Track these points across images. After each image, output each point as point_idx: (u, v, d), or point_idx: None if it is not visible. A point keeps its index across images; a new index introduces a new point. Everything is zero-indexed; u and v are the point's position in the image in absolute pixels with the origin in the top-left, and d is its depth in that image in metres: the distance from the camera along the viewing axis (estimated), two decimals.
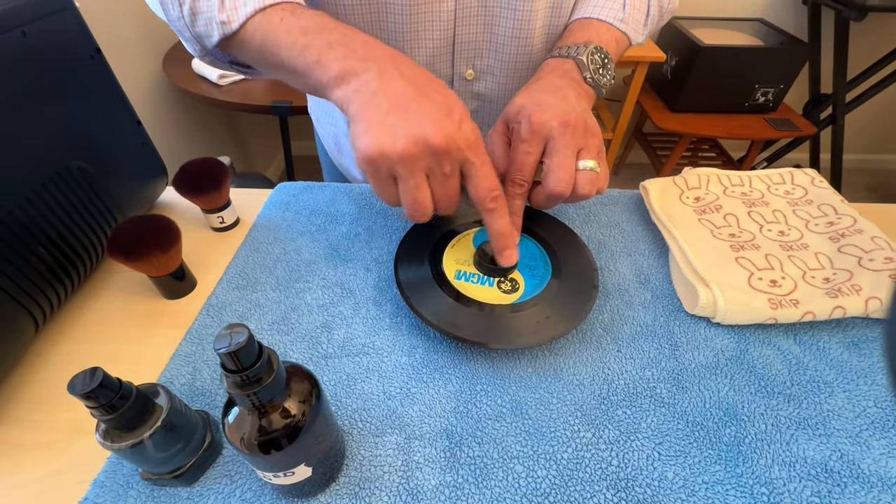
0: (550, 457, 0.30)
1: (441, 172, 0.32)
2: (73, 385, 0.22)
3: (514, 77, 0.51)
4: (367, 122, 0.31)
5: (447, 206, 0.34)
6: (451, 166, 0.32)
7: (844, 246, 0.41)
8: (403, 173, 0.31)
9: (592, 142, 0.37)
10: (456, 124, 0.31)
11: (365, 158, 0.31)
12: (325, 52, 0.33)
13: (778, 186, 0.50)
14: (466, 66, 0.50)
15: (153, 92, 1.30)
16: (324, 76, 0.33)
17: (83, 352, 0.37)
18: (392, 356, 0.36)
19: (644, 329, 0.38)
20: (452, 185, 0.33)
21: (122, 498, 0.28)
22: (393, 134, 0.30)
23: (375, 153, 0.30)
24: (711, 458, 0.30)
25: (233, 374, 0.20)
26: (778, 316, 0.36)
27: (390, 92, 0.31)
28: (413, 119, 0.30)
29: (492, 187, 0.33)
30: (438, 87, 0.33)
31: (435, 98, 0.32)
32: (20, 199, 0.34)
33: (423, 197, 0.32)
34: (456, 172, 0.33)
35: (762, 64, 1.49)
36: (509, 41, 0.48)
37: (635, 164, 2.17)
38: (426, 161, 0.31)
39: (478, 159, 0.33)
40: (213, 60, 0.40)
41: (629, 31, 0.46)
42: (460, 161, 0.32)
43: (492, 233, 0.36)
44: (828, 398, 0.34)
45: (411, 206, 0.33)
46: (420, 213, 0.33)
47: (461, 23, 0.46)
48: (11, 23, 0.33)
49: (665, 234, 0.45)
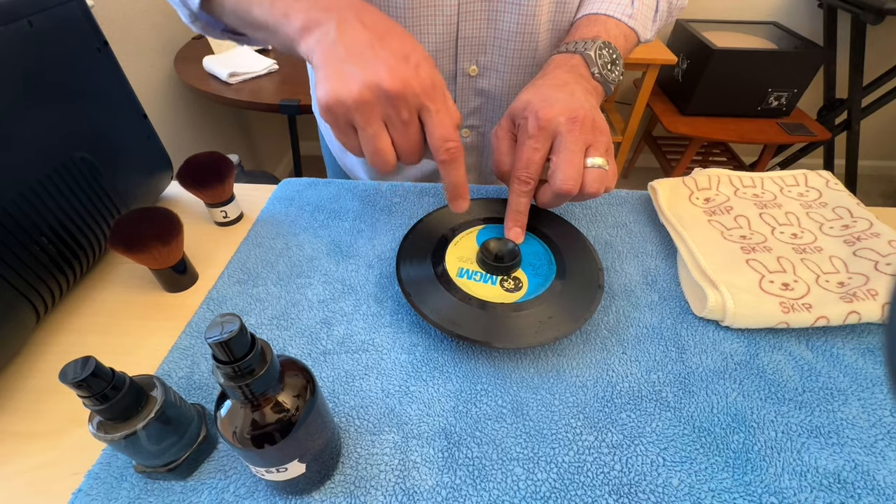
0: (551, 459, 0.29)
1: (399, 119, 0.31)
2: (65, 373, 0.21)
3: (519, 73, 0.51)
4: (325, 71, 0.31)
5: (409, 156, 0.34)
6: (409, 112, 0.31)
7: (860, 250, 0.40)
8: (360, 121, 0.31)
9: (601, 138, 0.36)
10: (412, 69, 0.31)
11: (323, 107, 0.31)
12: (292, 4, 0.33)
13: (791, 188, 0.49)
14: (470, 62, 0.50)
15: (164, 90, 1.32)
16: (290, 29, 0.33)
17: (83, 343, 0.37)
18: (392, 354, 0.35)
19: (650, 331, 0.37)
20: (412, 132, 0.32)
21: (115, 490, 0.28)
22: (348, 80, 0.30)
23: (332, 100, 0.30)
24: (718, 466, 0.29)
25: (224, 365, 0.19)
26: (790, 320, 0.35)
27: (348, 40, 0.31)
28: (367, 65, 0.30)
29: (446, 136, 0.32)
30: (397, 34, 0.33)
31: (391, 44, 0.31)
32: (24, 189, 0.34)
33: (384, 145, 0.32)
34: (414, 119, 0.32)
35: (776, 67, 1.47)
36: (513, 37, 0.47)
37: (645, 167, 2.15)
38: (381, 107, 0.31)
39: (434, 105, 0.32)
40: (204, 27, 0.41)
41: (638, 27, 0.45)
42: (417, 106, 0.31)
43: (446, 183, 0.35)
44: (841, 406, 0.32)
45: (372, 154, 0.33)
46: (381, 163, 0.33)
47: (464, 18, 0.46)
48: (19, 13, 0.33)
49: (673, 234, 0.44)
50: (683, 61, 1.59)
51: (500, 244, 0.38)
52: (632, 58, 1.40)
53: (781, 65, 1.47)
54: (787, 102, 1.55)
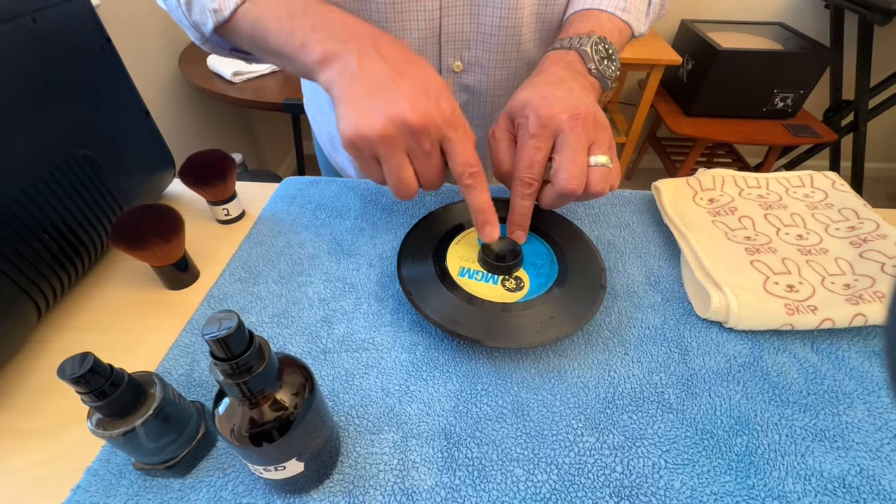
0: (552, 461, 0.29)
1: (421, 151, 0.32)
2: (63, 369, 0.21)
3: (504, 68, 0.51)
4: (347, 106, 0.31)
5: (432, 184, 0.34)
6: (431, 144, 0.32)
7: (867, 251, 0.40)
8: (384, 154, 0.32)
9: (603, 136, 0.35)
10: (433, 101, 0.31)
11: (347, 141, 0.32)
12: (309, 35, 0.33)
13: (797, 189, 0.48)
14: (454, 57, 0.50)
15: (169, 89, 1.32)
16: (308, 60, 0.34)
17: (84, 340, 0.37)
18: (392, 353, 0.35)
19: (653, 332, 0.37)
20: (434, 162, 0.33)
21: (114, 487, 0.28)
22: (371, 116, 0.30)
23: (356, 136, 0.31)
24: (721, 469, 0.29)
25: (221, 362, 0.19)
26: (794, 322, 0.35)
27: (368, 74, 0.32)
28: (390, 100, 0.31)
29: (469, 163, 0.33)
30: (416, 65, 0.33)
31: (411, 76, 0.32)
32: (26, 186, 0.34)
33: (407, 175, 0.33)
34: (436, 149, 0.33)
35: (782, 68, 1.46)
36: (496, 31, 0.47)
37: (649, 168, 2.14)
38: (405, 140, 0.31)
39: (455, 135, 0.33)
40: (214, 48, 0.41)
41: (631, 21, 0.45)
42: (439, 138, 0.32)
43: (472, 208, 0.36)
44: (846, 409, 0.32)
45: (396, 184, 0.33)
46: (405, 192, 0.34)
47: (447, 13, 0.46)
48: (22, 9, 0.33)
49: (677, 235, 0.43)
50: (688, 62, 1.58)
51: (501, 244, 0.38)
52: (636, 58, 1.40)
53: (787, 66, 1.46)
54: (792, 104, 1.54)
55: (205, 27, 0.37)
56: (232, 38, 0.39)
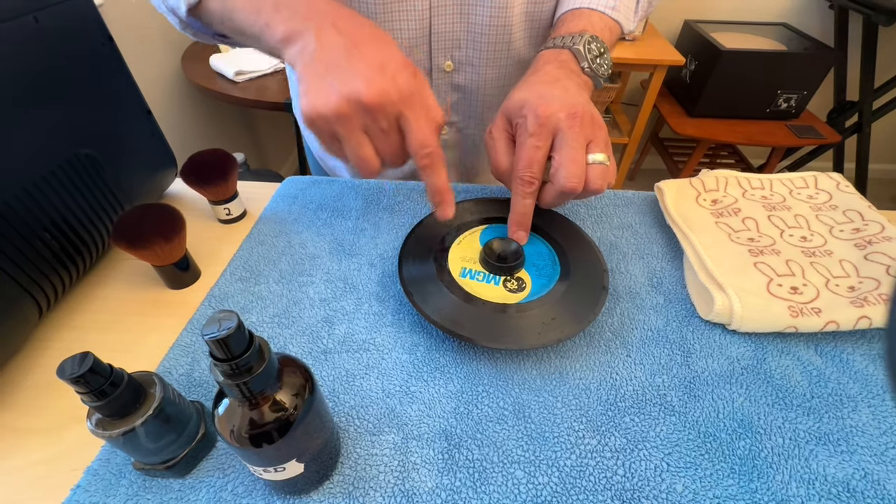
0: (553, 463, 0.29)
1: (378, 129, 0.32)
2: (63, 369, 0.21)
3: (495, 68, 0.51)
4: (306, 84, 0.32)
5: (392, 160, 0.34)
6: (388, 122, 0.32)
7: (871, 253, 0.39)
8: (342, 132, 0.32)
9: (600, 134, 0.35)
10: (389, 78, 0.31)
11: (307, 119, 0.32)
12: (272, 14, 0.33)
13: (801, 191, 0.48)
14: (444, 57, 0.50)
15: (171, 88, 1.32)
16: (272, 39, 0.34)
17: (85, 339, 0.37)
18: (393, 353, 0.35)
19: (655, 334, 0.37)
20: (392, 140, 0.33)
21: (113, 487, 0.27)
22: (327, 94, 0.30)
23: (313, 114, 0.31)
24: (724, 472, 0.29)
25: (221, 363, 0.19)
26: (798, 324, 0.35)
27: (326, 51, 0.32)
28: (345, 78, 0.31)
29: (424, 143, 0.33)
30: (376, 42, 0.33)
31: (368, 52, 0.32)
32: (28, 185, 0.34)
33: (366, 154, 0.33)
34: (394, 127, 0.33)
35: (785, 69, 1.46)
36: (487, 30, 0.47)
37: (651, 169, 2.13)
38: (361, 119, 0.31)
39: (412, 113, 0.32)
40: (196, 33, 0.42)
41: (621, 19, 0.45)
42: (395, 115, 0.32)
43: (428, 189, 0.36)
44: (851, 413, 0.32)
45: (356, 163, 0.33)
46: (366, 170, 0.34)
47: (437, 13, 0.46)
48: (24, 8, 0.33)
49: (680, 236, 0.43)
50: (691, 62, 1.57)
51: (503, 244, 0.38)
52: (639, 59, 1.39)
53: (791, 66, 1.46)
54: (796, 104, 1.53)
55: (178, 10, 0.38)
56: (206, 21, 0.39)
